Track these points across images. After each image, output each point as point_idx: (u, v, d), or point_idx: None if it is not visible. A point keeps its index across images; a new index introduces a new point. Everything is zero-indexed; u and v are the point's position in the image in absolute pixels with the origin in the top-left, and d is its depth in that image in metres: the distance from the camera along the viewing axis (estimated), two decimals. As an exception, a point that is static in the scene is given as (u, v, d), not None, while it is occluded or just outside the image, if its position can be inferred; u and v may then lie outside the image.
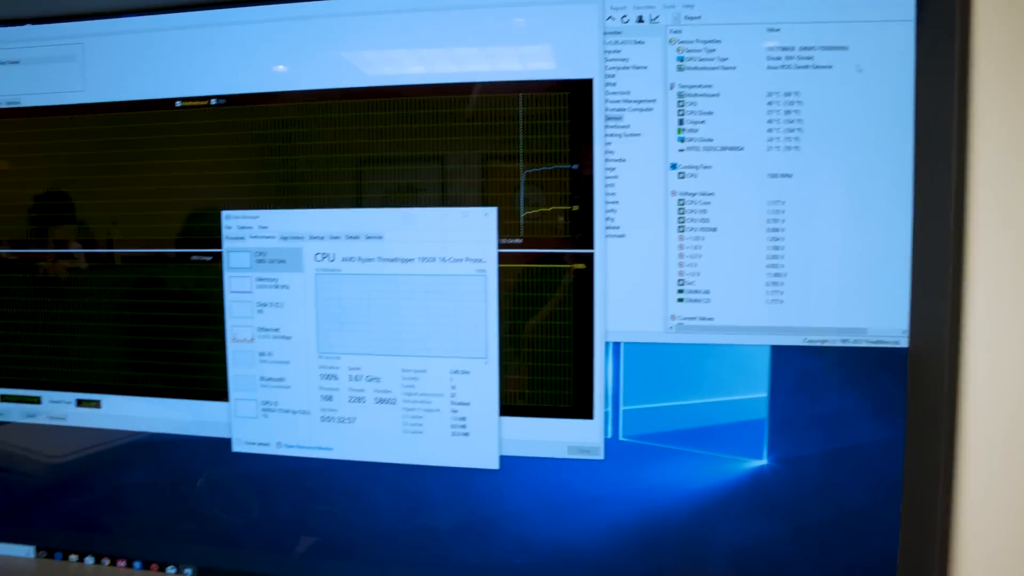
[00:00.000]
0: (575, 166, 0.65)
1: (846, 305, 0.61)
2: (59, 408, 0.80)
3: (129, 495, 0.79)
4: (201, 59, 0.73)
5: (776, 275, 0.62)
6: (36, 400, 0.81)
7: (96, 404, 0.79)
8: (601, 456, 0.66)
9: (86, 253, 0.79)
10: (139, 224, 0.77)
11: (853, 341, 0.61)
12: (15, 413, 0.82)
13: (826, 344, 0.62)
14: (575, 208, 0.65)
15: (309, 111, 0.70)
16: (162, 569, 0.79)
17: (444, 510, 0.70)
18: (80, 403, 0.80)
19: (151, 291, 0.77)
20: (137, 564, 0.80)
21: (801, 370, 0.63)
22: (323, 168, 0.70)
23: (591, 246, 0.65)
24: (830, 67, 0.60)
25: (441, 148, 0.68)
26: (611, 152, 0.64)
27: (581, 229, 0.65)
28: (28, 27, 0.77)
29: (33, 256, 0.81)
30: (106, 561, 0.81)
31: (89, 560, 0.82)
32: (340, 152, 0.70)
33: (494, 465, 0.68)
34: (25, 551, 0.84)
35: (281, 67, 0.71)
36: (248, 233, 0.72)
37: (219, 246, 0.73)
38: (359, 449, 0.70)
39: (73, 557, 0.82)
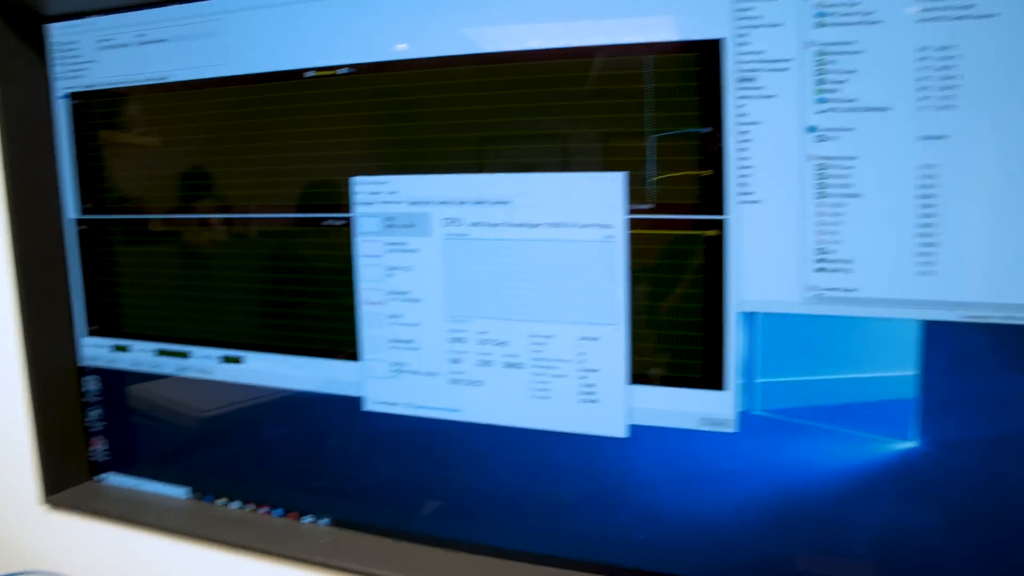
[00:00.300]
0: (705, 130, 0.66)
1: (1010, 278, 0.59)
2: (206, 363, 0.91)
3: (271, 447, 0.89)
4: (329, 29, 0.78)
5: (928, 244, 0.61)
6: (185, 355, 0.92)
7: (238, 360, 0.89)
8: (733, 429, 0.67)
9: (227, 219, 0.88)
10: (274, 191, 0.85)
11: (1020, 318, 0.59)
12: (169, 366, 0.93)
13: (986, 320, 0.60)
14: (706, 173, 0.66)
15: (435, 78, 0.74)
16: (300, 518, 0.89)
17: (569, 477, 0.74)
18: (224, 359, 0.89)
19: (286, 254, 0.85)
20: (277, 512, 0.90)
21: (957, 348, 0.61)
22: (450, 134, 0.74)
23: (723, 212, 0.66)
24: (994, 16, 0.57)
25: (568, 113, 0.71)
26: (744, 115, 0.65)
27: (712, 195, 0.66)
28: (173, 7, 0.85)
29: (182, 223, 0.91)
30: (250, 507, 0.92)
31: (235, 505, 0.93)
32: (467, 118, 0.74)
33: (621, 433, 0.71)
34: (181, 492, 0.97)
35: (407, 35, 0.75)
36: (377, 199, 0.77)
37: (349, 211, 0.79)
38: (486, 412, 0.75)
39: (221, 500, 0.94)
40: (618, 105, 0.69)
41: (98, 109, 0.94)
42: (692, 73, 0.66)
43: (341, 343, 0.82)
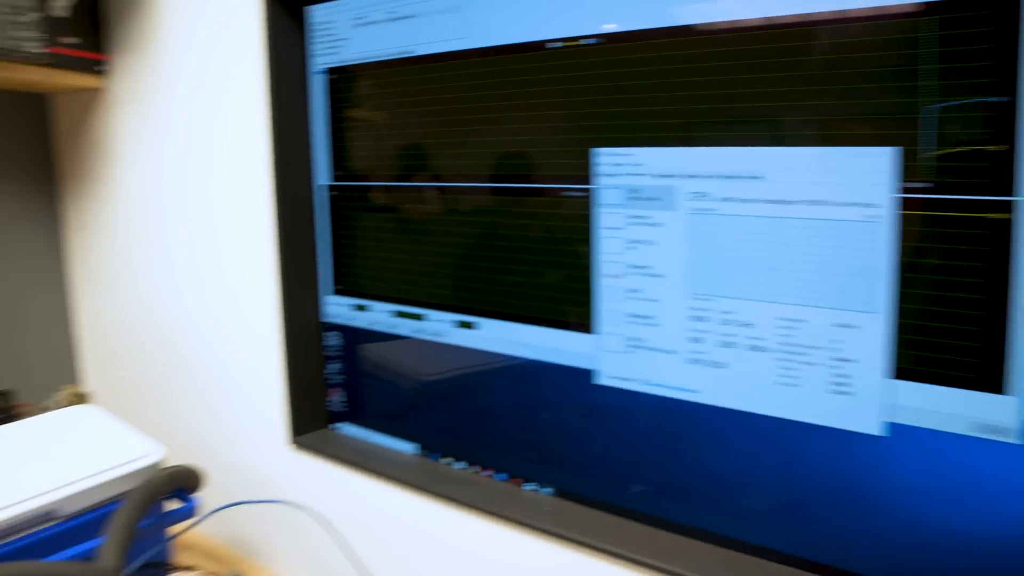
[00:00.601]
0: (998, 99, 0.59)
1: None
2: (440, 327, 0.95)
3: (498, 413, 0.92)
4: (571, 0, 0.78)
5: None
6: (420, 317, 0.98)
7: (471, 326, 0.92)
8: (1015, 440, 0.60)
9: (467, 187, 0.91)
10: (514, 161, 0.87)
11: None
12: (405, 327, 0.99)
13: None
14: (996, 149, 0.60)
15: (684, 47, 0.72)
16: (523, 485, 0.91)
17: (810, 471, 0.70)
18: (459, 324, 0.94)
19: (523, 224, 0.87)
20: (500, 476, 0.93)
21: None
22: (700, 105, 0.72)
23: (1016, 193, 0.59)
24: None
25: (829, 82, 0.66)
26: (1052, 78, 0.57)
27: (1003, 173, 0.59)
28: (427, -17, 0.90)
29: (424, 191, 0.96)
30: (474, 469, 0.96)
31: (459, 465, 0.97)
32: (720, 88, 0.71)
33: (876, 431, 0.66)
34: (408, 447, 1.03)
35: (654, 3, 0.73)
36: (621, 170, 0.77)
37: (590, 182, 0.80)
38: (727, 395, 0.73)
39: (446, 460, 0.99)
40: (889, 73, 0.63)
41: (350, 83, 1.01)
42: (982, 34, 0.59)
43: (576, 315, 0.82)
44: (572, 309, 0.83)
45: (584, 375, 0.83)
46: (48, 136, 1.46)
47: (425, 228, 0.96)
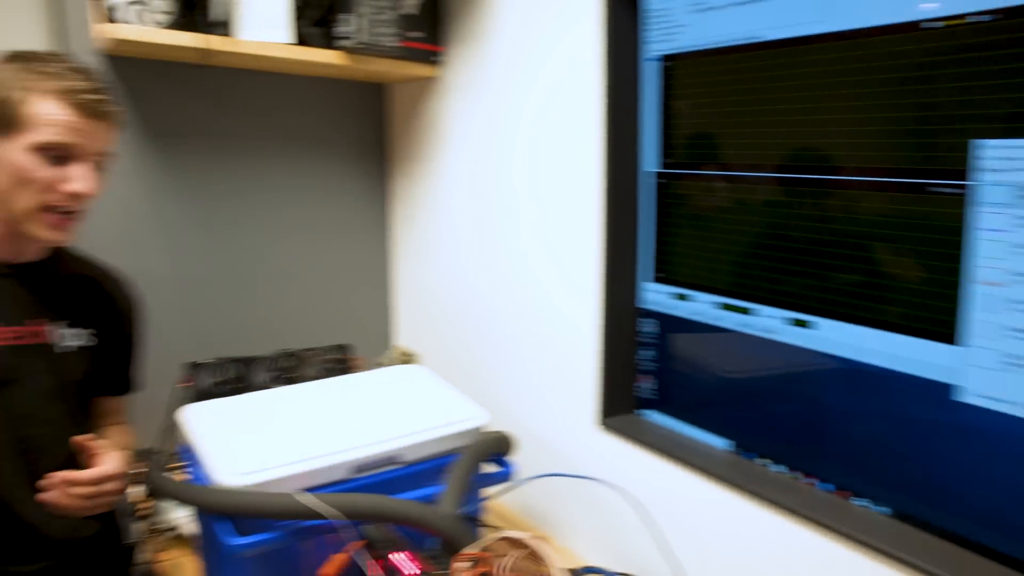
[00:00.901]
0: None
1: None
2: (770, 323, 0.93)
3: (829, 419, 0.88)
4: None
5: None
6: (747, 312, 0.96)
7: (806, 324, 0.89)
8: None
9: (808, 179, 0.88)
10: (868, 152, 0.82)
11: None
12: (729, 321, 0.98)
13: None
14: None
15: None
16: (851, 499, 0.87)
17: None
18: (791, 321, 0.91)
19: (874, 220, 0.81)
20: (825, 486, 0.89)
21: None
22: None
23: None
24: None
25: None
26: None
27: None
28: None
29: (760, 181, 0.93)
30: (796, 475, 0.93)
31: (776, 468, 0.95)
32: None
33: None
34: (720, 442, 1.03)
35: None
36: (1013, 165, 0.70)
37: (966, 178, 0.73)
38: None
39: (762, 461, 0.97)
40: None
41: (686, 70, 1.02)
42: None
43: (937, 323, 0.76)
44: (933, 316, 0.77)
45: (942, 390, 0.76)
46: (383, 121, 1.65)
47: (759, 219, 0.94)
